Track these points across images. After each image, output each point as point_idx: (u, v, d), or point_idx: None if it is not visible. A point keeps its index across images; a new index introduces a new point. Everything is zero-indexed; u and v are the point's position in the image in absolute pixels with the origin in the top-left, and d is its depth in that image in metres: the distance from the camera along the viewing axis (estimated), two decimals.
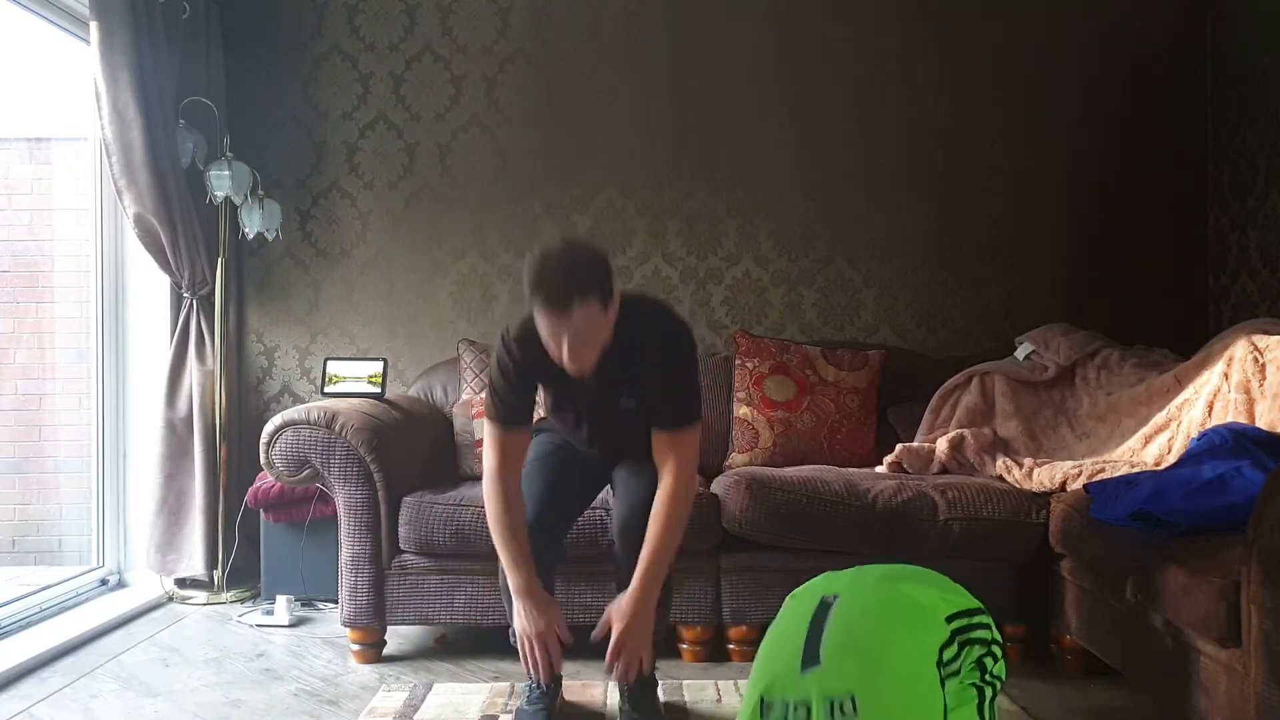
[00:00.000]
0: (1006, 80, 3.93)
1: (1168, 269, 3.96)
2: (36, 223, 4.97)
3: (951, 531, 2.83)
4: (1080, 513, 2.62)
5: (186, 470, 3.61)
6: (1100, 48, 3.94)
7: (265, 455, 2.92)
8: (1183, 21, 3.96)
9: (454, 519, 2.86)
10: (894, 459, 3.22)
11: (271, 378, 3.98)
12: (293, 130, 3.95)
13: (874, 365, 3.56)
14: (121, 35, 3.26)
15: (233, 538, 3.62)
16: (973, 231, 3.95)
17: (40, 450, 4.87)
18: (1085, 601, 2.62)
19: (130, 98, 3.28)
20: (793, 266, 3.96)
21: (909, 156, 3.93)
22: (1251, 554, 1.83)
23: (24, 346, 4.90)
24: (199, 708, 2.56)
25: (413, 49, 3.95)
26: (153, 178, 3.35)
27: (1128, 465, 2.91)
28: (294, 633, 3.21)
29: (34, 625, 3.16)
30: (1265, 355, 2.82)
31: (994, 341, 3.81)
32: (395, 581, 2.91)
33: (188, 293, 3.63)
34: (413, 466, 3.06)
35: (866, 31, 3.94)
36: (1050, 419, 3.35)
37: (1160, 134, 3.96)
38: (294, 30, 3.94)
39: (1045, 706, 2.53)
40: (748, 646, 2.89)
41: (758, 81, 3.92)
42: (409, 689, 2.66)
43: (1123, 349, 3.45)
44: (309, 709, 2.55)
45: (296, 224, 3.95)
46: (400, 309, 3.96)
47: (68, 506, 4.76)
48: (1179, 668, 2.12)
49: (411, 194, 3.96)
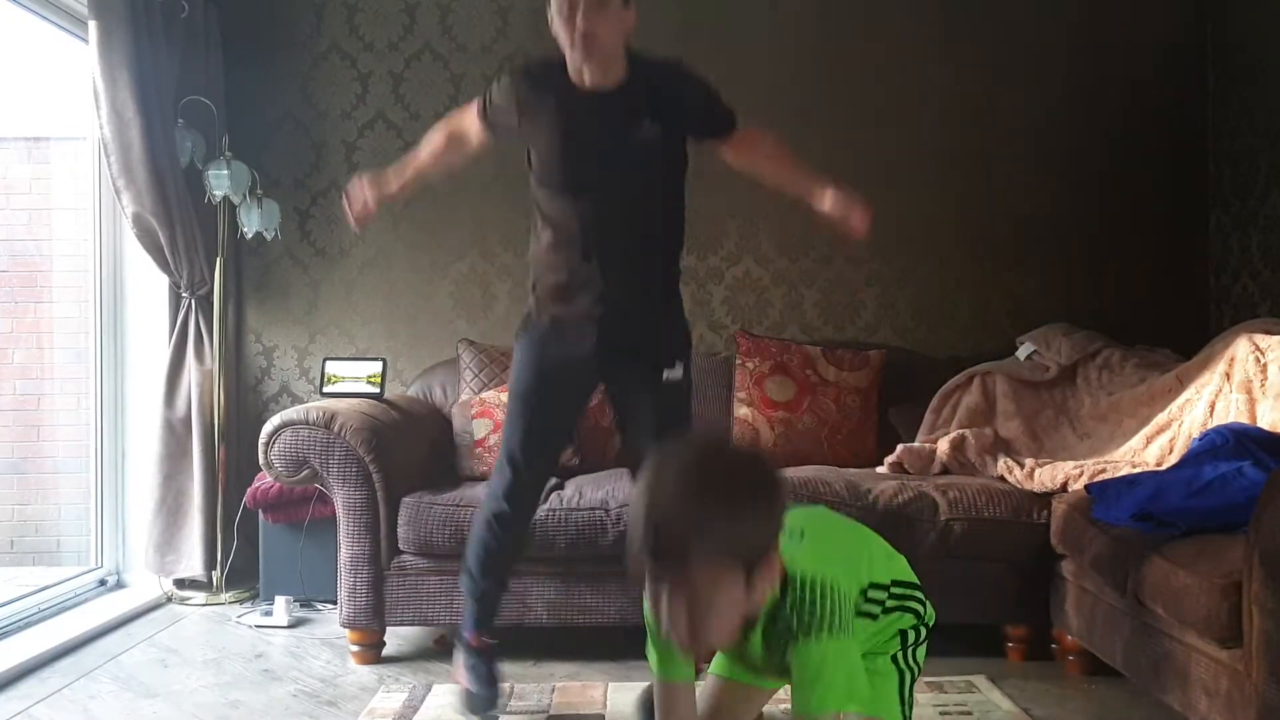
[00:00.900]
0: (1008, 81, 3.93)
1: (1169, 269, 3.95)
2: (35, 222, 4.97)
3: (953, 532, 2.83)
4: (1082, 513, 2.61)
5: (185, 470, 3.60)
6: (1100, 48, 3.94)
7: (264, 455, 2.92)
8: (1183, 21, 3.96)
9: (453, 519, 2.85)
10: (895, 459, 3.21)
11: (270, 378, 3.98)
12: (292, 129, 3.95)
13: (875, 365, 3.55)
14: (120, 34, 3.26)
15: (231, 538, 3.62)
16: (973, 231, 3.94)
17: (39, 450, 4.87)
18: (1086, 602, 2.61)
19: (129, 97, 3.28)
20: (793, 266, 3.95)
21: (910, 156, 3.92)
22: (1253, 554, 1.82)
23: (22, 346, 4.90)
24: (198, 708, 2.55)
25: (412, 48, 3.95)
26: (151, 177, 3.34)
27: (1129, 465, 2.91)
28: (293, 633, 3.21)
29: (33, 626, 3.16)
30: (1266, 355, 2.81)
31: (995, 341, 3.80)
32: (394, 582, 2.90)
33: (186, 292, 3.62)
34: (412, 467, 3.05)
35: (868, 31, 3.93)
36: (1051, 419, 3.35)
37: (1160, 134, 3.95)
38: (293, 29, 3.94)
39: (1046, 707, 2.53)
40: None
41: (758, 80, 3.91)
42: (408, 690, 2.65)
43: (1124, 349, 3.44)
44: (308, 710, 2.54)
45: (295, 223, 3.94)
46: (399, 309, 3.96)
47: (66, 507, 4.75)
48: (1180, 668, 2.11)
49: None
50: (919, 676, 1.81)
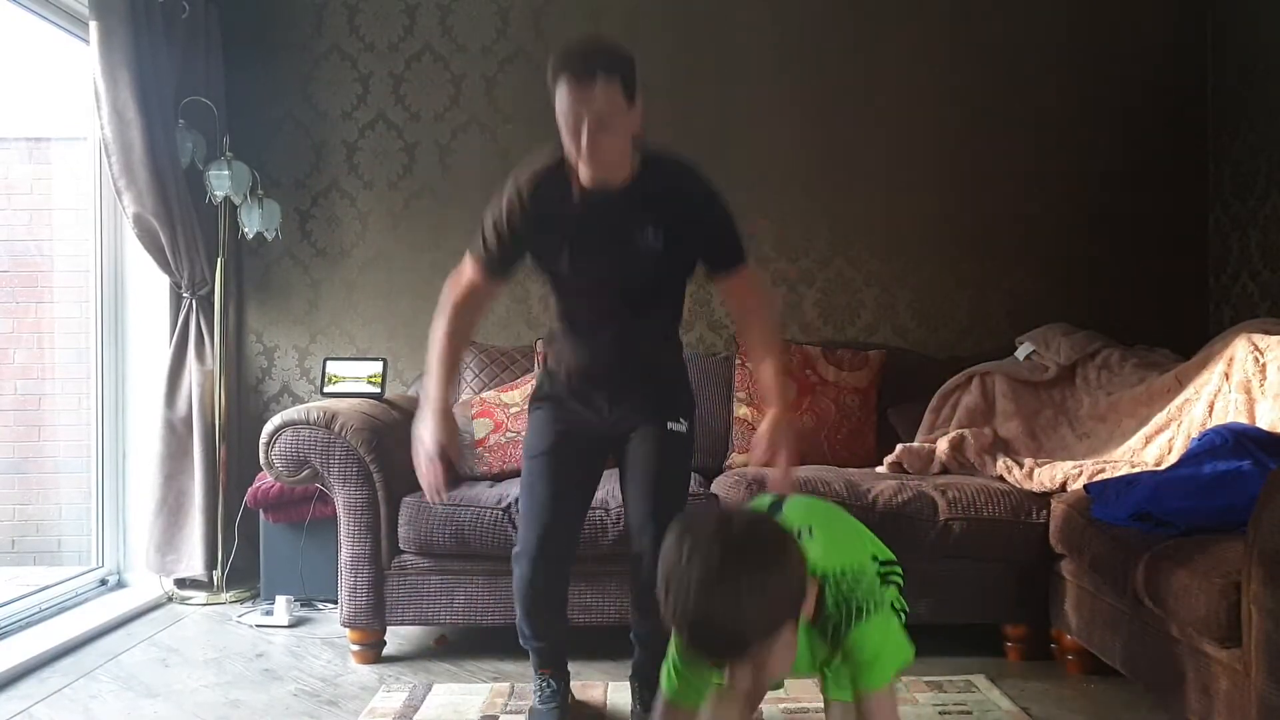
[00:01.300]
0: (1008, 81, 3.93)
1: (1168, 269, 3.95)
2: (36, 222, 4.97)
3: (952, 531, 2.83)
4: (1081, 513, 2.62)
5: (186, 470, 3.61)
6: (1101, 48, 3.94)
7: (265, 455, 2.92)
8: (1183, 21, 3.96)
9: (453, 519, 2.85)
10: (894, 459, 3.22)
11: (271, 378, 3.98)
12: (292, 130, 3.95)
13: (874, 365, 3.56)
14: (121, 35, 3.26)
15: (232, 538, 3.62)
16: (973, 231, 3.94)
17: (40, 450, 4.87)
18: (1086, 601, 2.61)
19: (130, 97, 3.28)
20: (793, 266, 3.96)
21: (910, 156, 3.92)
22: (1252, 554, 1.83)
23: (23, 346, 4.90)
24: (198, 708, 2.55)
25: (412, 48, 3.95)
26: (152, 177, 3.35)
27: (1128, 465, 2.91)
28: (293, 633, 3.21)
29: (34, 625, 3.16)
30: (1266, 355, 2.82)
31: (994, 341, 3.81)
32: (395, 582, 2.91)
33: (187, 293, 3.62)
34: (412, 467, 3.04)
35: (868, 31, 3.93)
36: (1051, 419, 3.35)
37: (1160, 134, 3.95)
38: (293, 30, 3.94)
39: (1045, 706, 2.53)
40: None
41: (759, 80, 3.92)
42: (409, 689, 2.66)
43: (1123, 349, 3.45)
44: (308, 709, 2.55)
45: (296, 224, 3.94)
46: (400, 309, 3.96)
47: (67, 507, 4.76)
48: (1179, 668, 2.11)
49: (411, 194, 3.96)
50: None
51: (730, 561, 1.44)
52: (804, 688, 2.62)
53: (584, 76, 2.00)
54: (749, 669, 1.50)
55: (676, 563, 1.46)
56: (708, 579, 1.43)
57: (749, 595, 1.43)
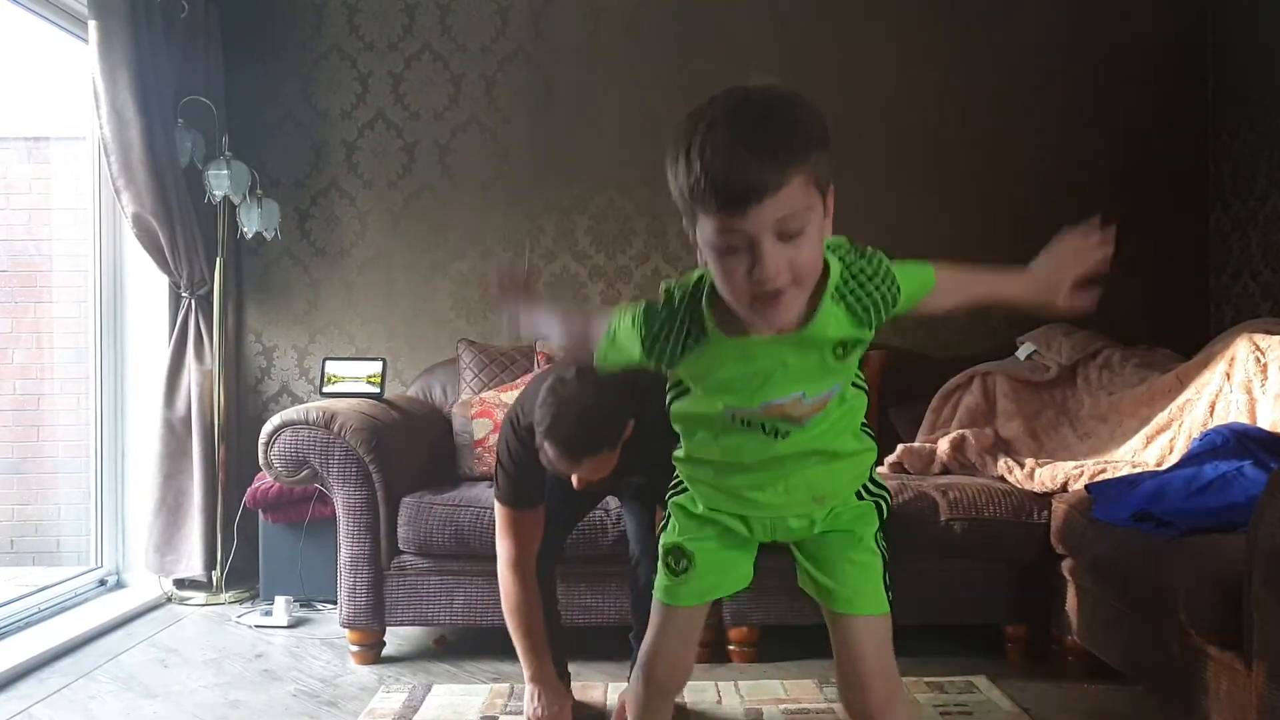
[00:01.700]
0: (1008, 81, 3.93)
1: (1169, 269, 3.95)
2: (35, 222, 4.97)
3: (953, 532, 2.83)
4: (1082, 513, 2.61)
5: (185, 470, 3.60)
6: (1101, 48, 3.94)
7: (264, 455, 2.92)
8: (1183, 21, 3.96)
9: (453, 519, 2.85)
10: (895, 459, 3.21)
11: (270, 378, 3.98)
12: (291, 129, 3.95)
13: (875, 365, 3.54)
14: (120, 34, 3.26)
15: (231, 538, 3.61)
16: (974, 231, 3.93)
17: (39, 450, 4.87)
18: (1086, 602, 2.61)
19: (129, 97, 3.28)
20: None
21: (911, 156, 3.92)
22: (1253, 554, 1.82)
23: (22, 346, 4.90)
24: (198, 708, 2.55)
25: (412, 48, 3.95)
26: (151, 177, 3.34)
27: (1129, 465, 2.91)
28: (293, 633, 3.21)
29: (33, 626, 3.16)
30: (1267, 355, 2.82)
31: (995, 341, 3.79)
32: (394, 582, 2.90)
33: (186, 292, 3.62)
34: (412, 467, 3.05)
35: (869, 31, 3.93)
36: (1052, 419, 3.35)
37: (1160, 134, 3.95)
38: (293, 29, 3.94)
39: (1046, 707, 2.52)
40: (748, 648, 2.88)
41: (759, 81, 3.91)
42: (408, 690, 2.65)
43: (1124, 349, 3.44)
44: (308, 710, 2.54)
45: (295, 223, 3.94)
46: (399, 309, 3.96)
47: (66, 507, 4.75)
48: (1180, 668, 2.11)
49: (411, 193, 3.96)
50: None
51: (770, 90, 1.34)
52: (804, 689, 2.62)
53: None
54: (776, 242, 1.29)
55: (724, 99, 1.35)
56: (751, 94, 1.33)
57: (798, 99, 1.31)
